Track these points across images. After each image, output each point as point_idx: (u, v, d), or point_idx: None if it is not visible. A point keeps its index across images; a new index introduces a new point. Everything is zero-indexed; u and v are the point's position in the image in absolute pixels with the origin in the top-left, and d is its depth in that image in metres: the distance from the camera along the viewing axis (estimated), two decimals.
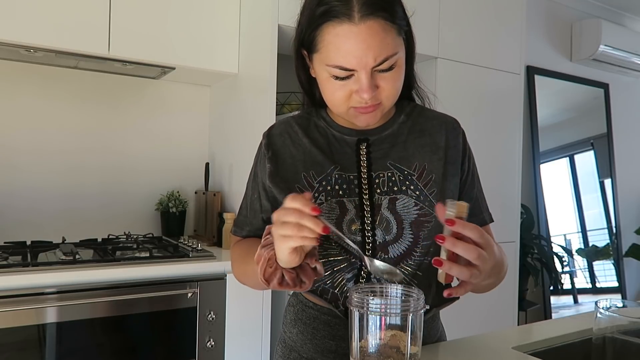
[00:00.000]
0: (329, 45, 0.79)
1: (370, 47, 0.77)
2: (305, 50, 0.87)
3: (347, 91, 0.81)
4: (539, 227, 3.34)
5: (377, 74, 0.80)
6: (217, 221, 2.08)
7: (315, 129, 0.94)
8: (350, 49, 0.77)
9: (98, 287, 1.55)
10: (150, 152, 2.27)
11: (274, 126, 0.98)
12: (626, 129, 3.98)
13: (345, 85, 0.81)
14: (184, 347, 1.69)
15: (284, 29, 1.91)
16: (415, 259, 0.87)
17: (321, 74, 0.84)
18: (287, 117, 0.99)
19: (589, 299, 3.53)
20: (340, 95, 0.82)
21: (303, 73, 0.94)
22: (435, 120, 0.95)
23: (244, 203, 0.99)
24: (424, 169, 0.89)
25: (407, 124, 0.94)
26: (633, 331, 0.84)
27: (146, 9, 1.92)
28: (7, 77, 1.99)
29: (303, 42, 0.86)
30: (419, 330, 0.70)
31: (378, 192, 0.88)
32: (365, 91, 0.79)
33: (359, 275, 0.87)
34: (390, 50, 0.79)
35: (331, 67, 0.80)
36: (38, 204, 2.03)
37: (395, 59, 0.80)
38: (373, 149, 0.91)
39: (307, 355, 0.93)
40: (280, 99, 2.12)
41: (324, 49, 0.80)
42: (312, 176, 0.89)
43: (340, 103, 0.83)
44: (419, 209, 0.87)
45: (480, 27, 2.45)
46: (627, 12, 3.89)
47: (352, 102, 0.83)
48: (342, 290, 0.88)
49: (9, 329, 1.44)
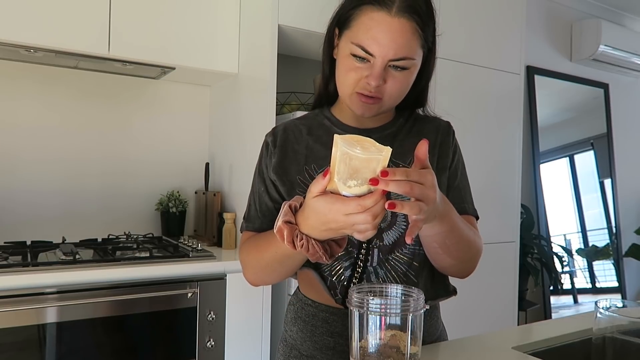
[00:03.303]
0: (361, 25, 0.84)
1: (395, 41, 0.82)
2: (338, 28, 0.92)
3: (359, 75, 0.86)
4: (539, 227, 3.34)
5: (389, 70, 0.85)
6: (217, 221, 2.08)
7: (320, 128, 0.99)
8: (377, 35, 0.82)
9: (98, 287, 1.55)
10: (150, 152, 2.27)
11: (277, 125, 1.02)
12: (626, 129, 3.98)
13: (359, 68, 0.86)
14: (184, 347, 1.69)
15: (284, 29, 1.91)
16: (409, 247, 0.92)
17: (343, 50, 0.88)
18: (290, 120, 1.03)
19: (589, 299, 3.53)
20: (352, 76, 0.87)
21: (327, 58, 0.98)
22: (431, 124, 1.01)
23: (251, 199, 1.00)
24: None
25: (405, 126, 1.00)
26: (633, 331, 0.84)
27: (146, 9, 1.92)
28: (7, 77, 1.99)
29: (340, 19, 0.90)
30: (419, 330, 0.70)
31: None
32: (374, 78, 0.84)
33: (356, 264, 0.91)
34: (410, 53, 0.84)
35: (355, 44, 0.84)
36: (38, 204, 2.03)
37: (411, 64, 0.86)
38: None
39: (307, 352, 0.95)
40: (280, 99, 2.12)
41: (356, 27, 0.85)
42: (314, 169, 0.93)
43: (349, 83, 0.88)
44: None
45: (480, 27, 2.45)
46: (627, 12, 3.89)
47: (359, 87, 0.87)
48: (339, 279, 0.92)
49: (9, 329, 1.44)
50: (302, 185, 0.92)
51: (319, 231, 0.72)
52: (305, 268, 0.94)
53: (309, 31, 1.95)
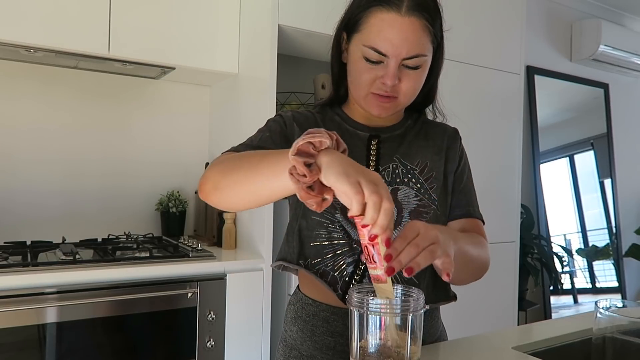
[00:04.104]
0: (372, 27, 0.85)
1: (407, 40, 0.84)
2: (346, 32, 0.92)
3: (373, 76, 0.87)
4: (539, 227, 3.34)
5: (403, 69, 0.87)
6: (217, 221, 2.08)
7: (331, 123, 0.99)
8: (389, 36, 0.84)
9: (98, 287, 1.55)
10: (150, 152, 2.27)
11: (295, 110, 1.01)
12: (626, 129, 3.98)
13: (373, 69, 0.87)
14: (184, 347, 1.69)
15: (284, 29, 1.91)
16: None
17: (355, 53, 0.89)
18: (307, 109, 1.03)
19: (589, 299, 3.53)
20: (366, 77, 0.88)
21: (336, 62, 0.98)
22: (438, 128, 1.03)
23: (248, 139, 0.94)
24: (426, 166, 0.96)
25: (414, 128, 1.01)
26: (633, 331, 0.84)
27: (146, 9, 1.92)
28: (7, 77, 1.99)
29: (348, 23, 0.91)
30: (419, 330, 0.70)
31: None
32: (389, 78, 0.85)
33: (359, 261, 0.91)
34: (423, 50, 0.86)
35: (367, 47, 0.85)
36: (38, 204, 2.03)
37: (423, 61, 0.87)
38: (382, 146, 0.97)
39: (307, 352, 0.95)
40: (280, 99, 2.12)
41: (366, 30, 0.86)
42: None
43: (363, 85, 0.89)
44: (419, 200, 0.93)
45: (480, 27, 2.45)
46: (627, 12, 3.89)
47: (374, 88, 0.88)
48: (341, 275, 0.91)
49: (9, 329, 1.44)
50: None
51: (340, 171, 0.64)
52: (305, 270, 0.94)
53: (309, 31, 1.95)
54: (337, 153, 0.68)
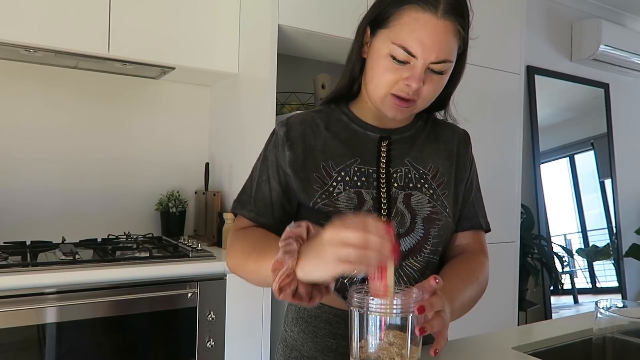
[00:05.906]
0: (405, 25, 0.81)
1: (439, 43, 0.81)
2: (372, 26, 0.88)
3: (396, 76, 0.84)
4: (539, 227, 3.34)
5: (428, 73, 0.84)
6: (217, 221, 2.08)
7: (337, 123, 0.96)
8: (422, 37, 0.80)
9: (98, 287, 1.55)
10: (150, 152, 2.27)
11: (291, 117, 0.98)
12: (626, 129, 3.98)
13: (398, 69, 0.83)
14: (184, 347, 1.69)
15: (284, 29, 1.91)
16: (424, 256, 0.91)
17: (380, 50, 0.85)
18: (305, 112, 1.00)
19: (589, 299, 3.53)
20: (389, 77, 0.84)
21: (357, 57, 0.93)
22: (448, 129, 1.01)
23: (248, 184, 0.97)
24: (438, 171, 0.94)
25: (425, 129, 0.99)
26: (633, 331, 0.84)
27: (146, 9, 1.92)
28: (7, 77, 1.98)
29: (377, 18, 0.87)
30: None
31: (395, 187, 0.91)
32: (415, 80, 0.82)
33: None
34: (451, 55, 0.84)
35: (396, 45, 0.82)
36: (38, 204, 2.03)
37: (449, 66, 0.86)
38: (393, 147, 0.94)
39: (308, 354, 0.94)
40: (280, 99, 2.12)
41: (397, 27, 0.82)
42: (331, 166, 0.91)
43: (384, 85, 0.85)
44: (432, 206, 0.91)
45: (480, 27, 2.44)
46: (627, 12, 3.89)
47: (395, 89, 0.85)
48: (352, 281, 0.90)
49: (9, 329, 1.44)
50: (319, 182, 0.89)
51: (323, 269, 0.66)
52: None
53: (309, 31, 1.95)
54: (302, 251, 0.68)
